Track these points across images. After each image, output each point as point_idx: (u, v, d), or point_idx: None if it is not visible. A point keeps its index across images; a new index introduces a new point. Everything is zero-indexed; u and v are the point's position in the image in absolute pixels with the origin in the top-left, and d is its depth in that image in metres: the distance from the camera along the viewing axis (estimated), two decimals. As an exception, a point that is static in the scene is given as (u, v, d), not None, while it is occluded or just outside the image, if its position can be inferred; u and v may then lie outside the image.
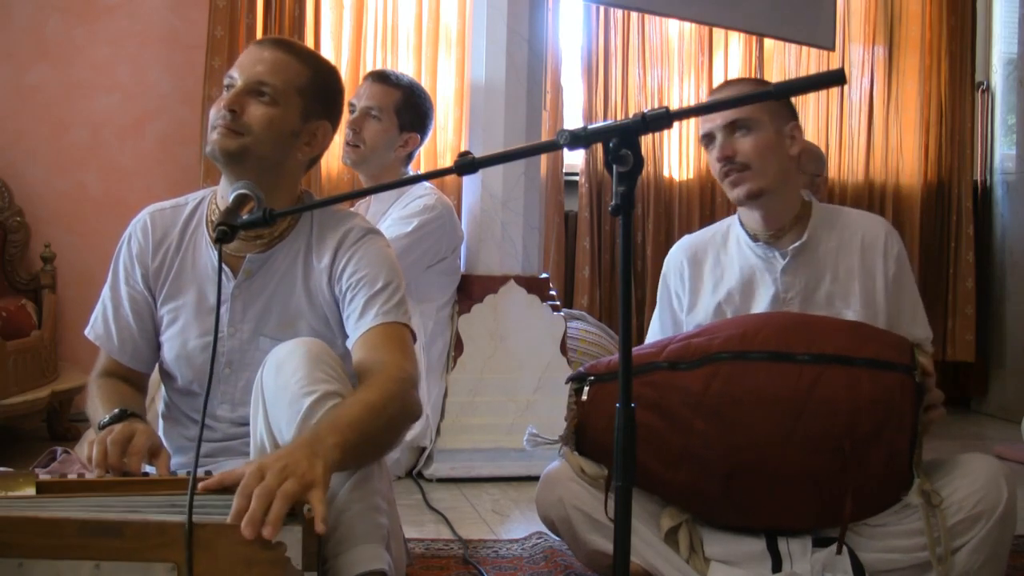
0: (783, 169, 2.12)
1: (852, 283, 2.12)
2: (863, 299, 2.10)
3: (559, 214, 4.47)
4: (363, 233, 1.88)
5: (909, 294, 2.15)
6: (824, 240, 2.15)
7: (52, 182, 4.02)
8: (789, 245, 2.13)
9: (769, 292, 2.14)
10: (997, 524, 1.86)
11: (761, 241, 2.16)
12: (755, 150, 2.09)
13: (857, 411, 1.84)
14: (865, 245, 2.13)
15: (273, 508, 1.32)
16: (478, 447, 3.22)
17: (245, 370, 1.86)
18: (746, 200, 2.11)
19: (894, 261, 2.12)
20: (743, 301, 2.16)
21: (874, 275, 2.12)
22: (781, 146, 2.12)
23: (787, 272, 2.13)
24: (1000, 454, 3.64)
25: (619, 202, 1.29)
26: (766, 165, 2.09)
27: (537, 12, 3.47)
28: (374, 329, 1.77)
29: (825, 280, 2.13)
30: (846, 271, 2.13)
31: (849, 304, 2.10)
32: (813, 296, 2.12)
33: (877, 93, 4.83)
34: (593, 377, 1.97)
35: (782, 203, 2.14)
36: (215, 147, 1.80)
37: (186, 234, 1.92)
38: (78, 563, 1.31)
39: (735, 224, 2.22)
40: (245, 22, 4.02)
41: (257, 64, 1.82)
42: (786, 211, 2.15)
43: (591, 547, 1.98)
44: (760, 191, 2.10)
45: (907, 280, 2.15)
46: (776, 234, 2.15)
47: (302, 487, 1.35)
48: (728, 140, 2.10)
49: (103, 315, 1.94)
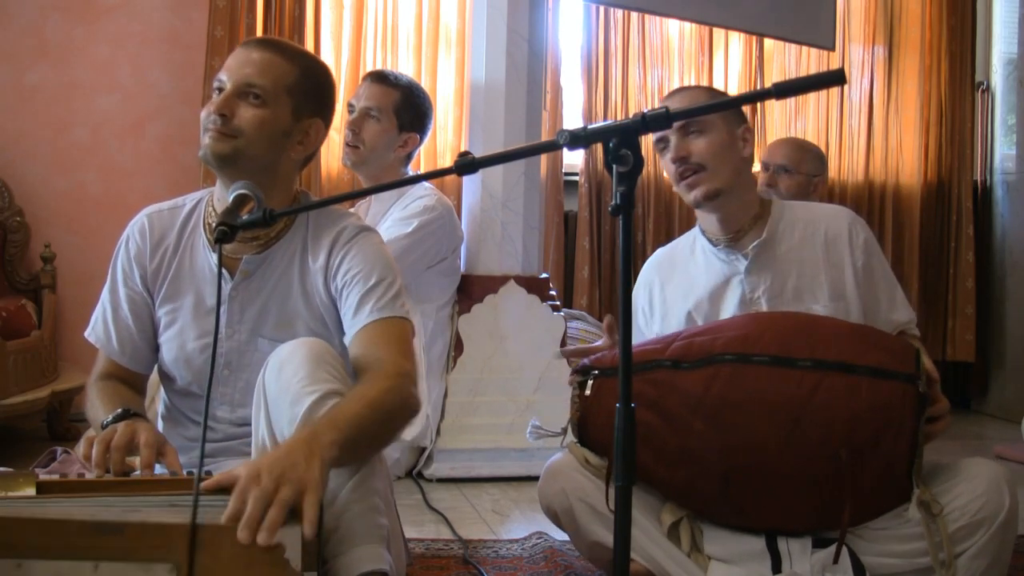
0: (737, 169, 2.13)
1: (818, 276, 2.12)
2: (831, 292, 2.10)
3: (559, 214, 4.47)
4: (356, 231, 1.88)
5: (883, 280, 2.14)
6: (786, 236, 2.15)
7: (52, 182, 4.02)
8: (750, 245, 2.14)
9: (736, 295, 2.14)
10: (999, 530, 1.85)
11: (722, 245, 2.16)
12: (709, 150, 2.10)
13: (855, 419, 1.83)
14: (829, 238, 2.13)
15: (270, 514, 1.32)
16: (478, 447, 3.22)
17: (244, 371, 1.86)
18: (703, 201, 2.12)
19: (861, 251, 2.12)
20: (712, 307, 2.16)
21: (841, 267, 2.11)
22: (734, 147, 2.14)
23: (751, 272, 2.13)
24: (1000, 454, 3.64)
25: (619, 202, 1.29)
26: (721, 165, 2.11)
27: (537, 12, 3.47)
28: (369, 326, 1.77)
29: (791, 276, 2.12)
30: (811, 265, 2.12)
31: (817, 298, 2.10)
32: (780, 293, 2.12)
33: (877, 93, 4.83)
34: (597, 371, 1.98)
35: (738, 203, 2.15)
36: (208, 151, 1.80)
37: (184, 235, 1.92)
38: (78, 563, 1.31)
39: (698, 234, 2.23)
40: (245, 22, 4.02)
41: (245, 66, 1.82)
42: (743, 212, 2.16)
43: (593, 538, 1.98)
44: (716, 191, 2.11)
45: (878, 266, 2.14)
46: (736, 236, 2.16)
47: (297, 492, 1.36)
48: (682, 142, 2.11)
49: (103, 317, 1.94)
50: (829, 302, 2.08)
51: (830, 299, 2.09)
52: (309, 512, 1.35)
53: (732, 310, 2.13)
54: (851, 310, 2.08)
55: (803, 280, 2.12)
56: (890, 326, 2.12)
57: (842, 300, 2.09)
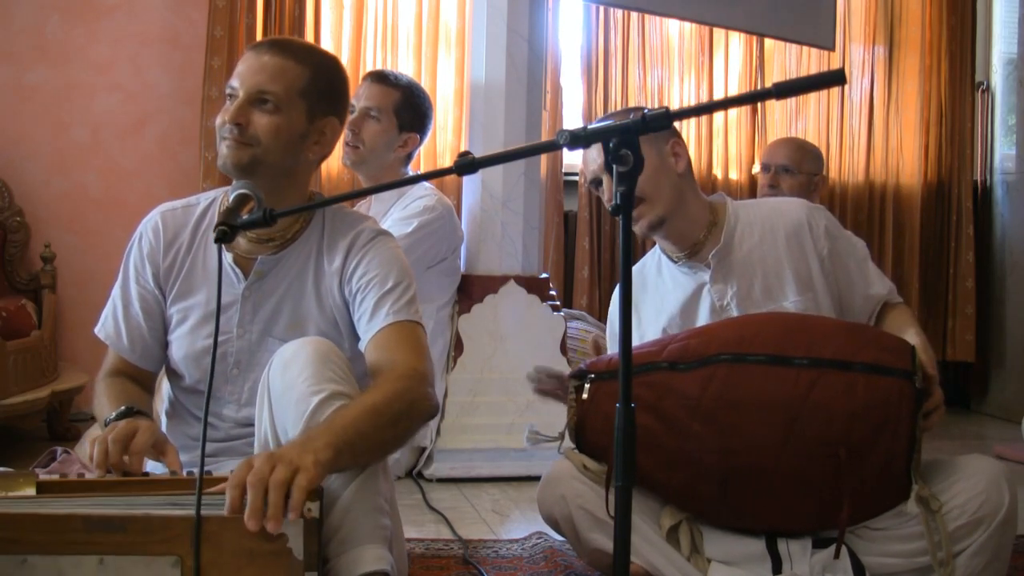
0: (677, 189, 2.13)
1: (783, 272, 2.12)
2: (798, 286, 2.10)
3: (559, 214, 4.47)
4: (373, 235, 1.88)
5: (853, 260, 2.14)
6: (745, 238, 2.15)
7: (52, 182, 4.02)
8: (710, 255, 2.14)
9: (706, 305, 2.15)
10: (999, 528, 1.85)
11: (683, 261, 2.17)
12: (645, 181, 2.05)
13: (853, 416, 1.83)
14: (789, 232, 2.13)
15: (270, 500, 1.33)
16: (478, 447, 3.22)
17: (253, 371, 1.86)
18: (649, 232, 2.12)
19: (824, 237, 2.12)
20: (685, 321, 2.17)
21: (805, 259, 2.11)
22: (666, 167, 2.13)
23: (716, 280, 2.14)
24: (1000, 454, 3.64)
25: (619, 202, 1.29)
26: (658, 191, 2.10)
27: (537, 12, 3.47)
28: (385, 329, 1.78)
29: (756, 277, 2.13)
30: (774, 262, 2.13)
31: (786, 294, 2.10)
32: (749, 296, 2.12)
33: (877, 93, 4.83)
34: (593, 375, 1.97)
35: (685, 222, 2.15)
36: (227, 161, 1.80)
37: (197, 234, 1.92)
38: (82, 558, 1.32)
39: (660, 253, 2.24)
40: (245, 22, 4.02)
41: (257, 73, 1.81)
42: (693, 228, 2.15)
43: (593, 545, 1.98)
44: (660, 219, 2.11)
45: (845, 248, 2.14)
46: (693, 250, 2.16)
47: (291, 472, 1.36)
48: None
49: (113, 314, 1.94)
50: (798, 296, 2.09)
51: (798, 293, 2.09)
52: (296, 493, 1.34)
53: (705, 320, 2.14)
54: (820, 301, 2.09)
55: (769, 279, 2.12)
56: (871, 302, 2.13)
57: (811, 291, 2.09)
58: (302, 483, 1.36)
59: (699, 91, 4.60)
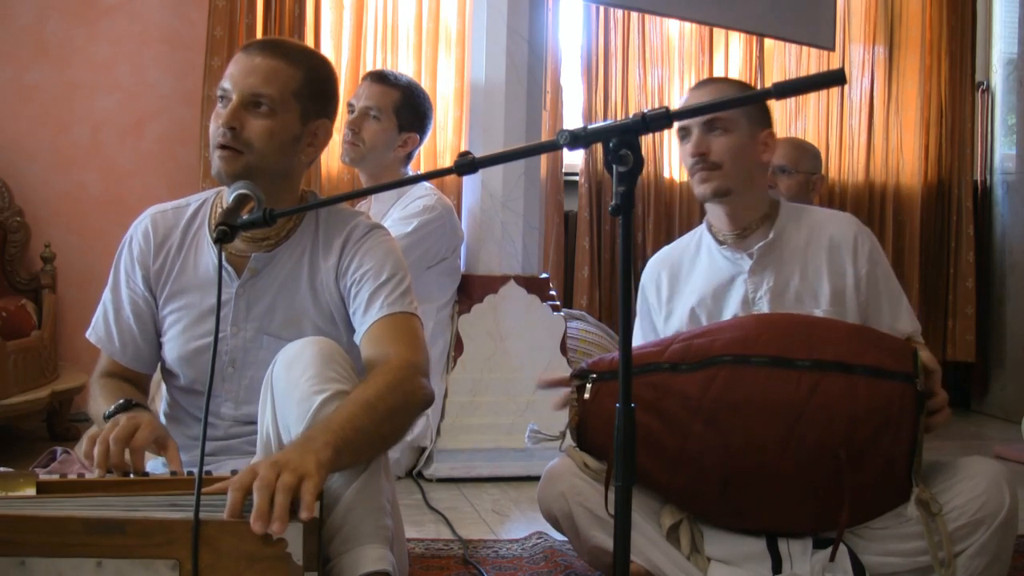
0: (751, 173, 2.15)
1: (821, 281, 2.12)
2: (832, 298, 2.10)
3: (559, 214, 4.47)
4: (368, 229, 1.89)
5: (887, 290, 2.14)
6: (791, 239, 2.15)
7: (52, 182, 4.02)
8: (755, 245, 2.14)
9: (739, 294, 2.15)
10: (999, 530, 1.85)
11: (728, 244, 2.17)
12: (728, 151, 2.11)
13: (854, 419, 1.83)
14: (834, 244, 2.14)
15: (277, 502, 1.33)
16: (478, 447, 3.22)
17: (249, 369, 1.86)
18: (711, 197, 2.14)
19: (866, 259, 2.13)
20: (715, 305, 2.17)
21: (843, 274, 2.12)
22: (753, 151, 2.15)
23: (754, 272, 2.14)
24: (1000, 454, 3.64)
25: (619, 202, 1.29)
26: (736, 167, 2.12)
27: (537, 12, 3.47)
28: (379, 321, 1.78)
29: (794, 279, 2.13)
30: (814, 270, 2.13)
31: (819, 302, 2.10)
32: (782, 295, 2.12)
33: (877, 93, 4.82)
34: (595, 375, 1.98)
35: (746, 203, 2.16)
36: (219, 171, 1.80)
37: (188, 235, 1.92)
38: (80, 561, 1.32)
39: (704, 232, 2.24)
40: (245, 22, 4.02)
41: (249, 75, 1.80)
42: (751, 211, 2.17)
43: (593, 543, 1.98)
44: (726, 190, 2.12)
45: (883, 276, 2.15)
46: (742, 234, 2.16)
47: (297, 477, 1.36)
48: (704, 137, 2.12)
49: (104, 317, 1.94)
50: (829, 307, 2.09)
51: (830, 304, 2.10)
52: (307, 497, 1.35)
53: (734, 309, 2.14)
54: (847, 317, 2.08)
55: (805, 283, 2.13)
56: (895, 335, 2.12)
57: (841, 306, 2.10)
58: (310, 488, 1.36)
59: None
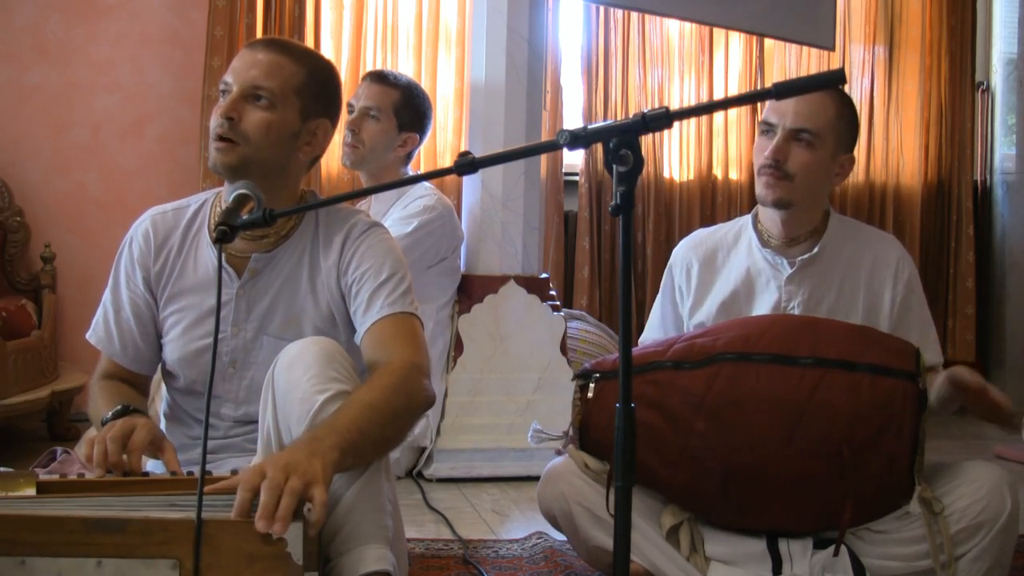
0: (817, 191, 2.13)
1: (856, 300, 2.12)
2: (865, 318, 2.10)
3: (559, 214, 4.47)
4: (367, 227, 1.88)
5: (917, 319, 2.14)
6: (834, 254, 2.14)
7: (52, 182, 4.02)
8: (798, 256, 2.13)
9: (772, 299, 2.14)
10: (1000, 533, 1.85)
11: (772, 247, 2.16)
12: (805, 166, 2.08)
13: (857, 416, 1.83)
14: (875, 265, 2.14)
15: (282, 504, 1.33)
16: (478, 447, 3.22)
17: (249, 369, 1.86)
18: (771, 205, 2.11)
19: (904, 286, 2.13)
20: (745, 304, 2.16)
21: (881, 295, 2.12)
22: (828, 172, 2.13)
23: (792, 282, 2.13)
24: (1000, 454, 3.64)
25: (619, 202, 1.29)
26: (807, 183, 2.09)
27: (537, 12, 3.47)
28: (380, 322, 1.78)
29: (829, 295, 2.13)
30: (851, 287, 2.13)
31: (850, 320, 2.09)
32: (815, 309, 2.12)
33: (877, 93, 4.82)
34: (599, 374, 1.98)
35: (803, 217, 2.14)
36: (215, 162, 1.80)
37: (188, 236, 1.92)
38: (81, 560, 1.31)
39: (748, 226, 2.21)
40: (245, 22, 4.02)
41: (251, 68, 1.80)
42: (804, 224, 2.15)
43: (593, 543, 1.98)
44: (789, 203, 2.10)
45: (916, 305, 2.14)
46: (788, 242, 2.15)
47: (305, 483, 1.36)
48: (786, 144, 2.08)
49: (104, 318, 1.94)
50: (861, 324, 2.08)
51: (862, 322, 2.08)
52: (317, 508, 1.36)
53: (763, 312, 2.13)
54: None
55: (840, 300, 2.12)
56: None
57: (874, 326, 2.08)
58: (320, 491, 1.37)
59: (699, 91, 4.60)
